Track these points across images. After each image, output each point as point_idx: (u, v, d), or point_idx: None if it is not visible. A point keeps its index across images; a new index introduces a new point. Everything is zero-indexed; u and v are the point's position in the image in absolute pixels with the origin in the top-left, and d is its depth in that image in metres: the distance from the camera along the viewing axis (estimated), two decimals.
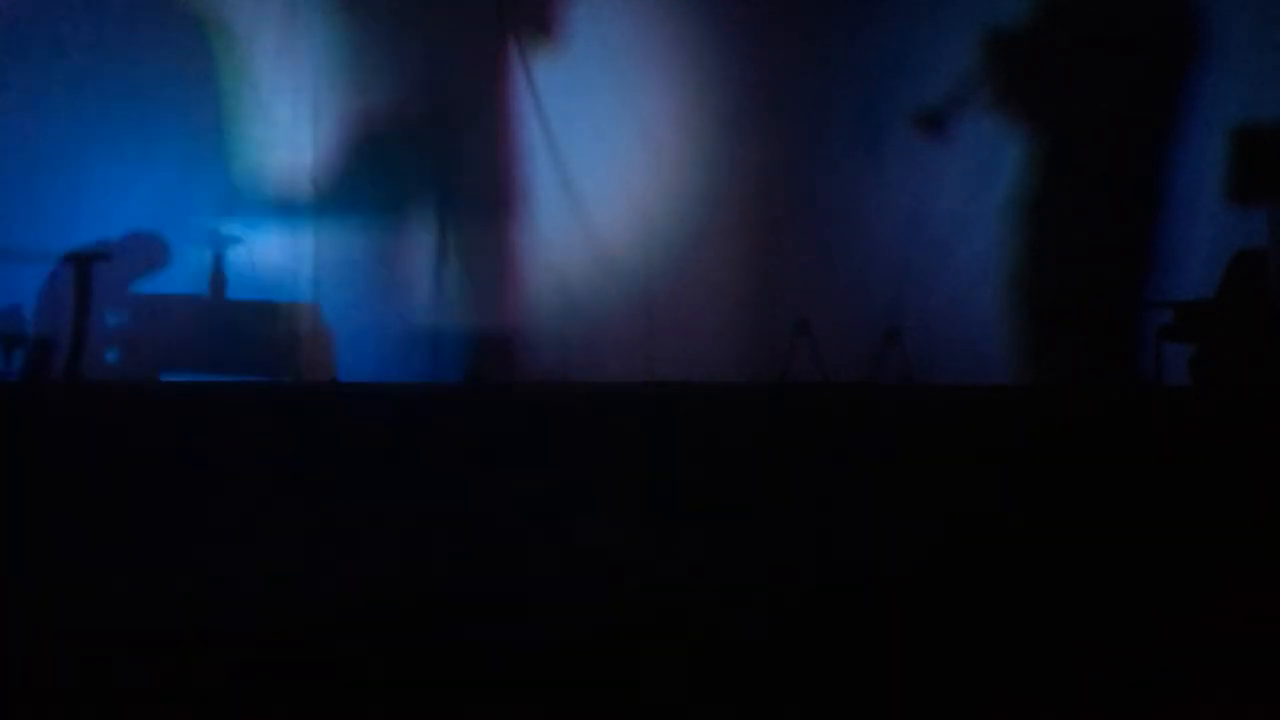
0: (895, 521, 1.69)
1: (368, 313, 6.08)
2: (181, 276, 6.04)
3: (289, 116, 6.06)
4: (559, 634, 1.07)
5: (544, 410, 4.16)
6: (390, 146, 6.04)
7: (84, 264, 5.93)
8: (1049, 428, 3.57)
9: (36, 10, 5.93)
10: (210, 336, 5.99)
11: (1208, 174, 5.57)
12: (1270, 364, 5.05)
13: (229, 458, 2.48)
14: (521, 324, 6.09)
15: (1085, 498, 1.96)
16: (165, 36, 5.95)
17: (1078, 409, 4.37)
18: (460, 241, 6.11)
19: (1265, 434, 3.33)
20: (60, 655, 0.99)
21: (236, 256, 6.06)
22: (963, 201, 5.78)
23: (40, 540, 1.51)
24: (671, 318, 5.99)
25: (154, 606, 1.16)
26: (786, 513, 1.79)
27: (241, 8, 6.04)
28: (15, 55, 5.89)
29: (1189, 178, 5.59)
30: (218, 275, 6.03)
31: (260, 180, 6.06)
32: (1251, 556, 1.48)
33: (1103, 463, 2.52)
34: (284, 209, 6.08)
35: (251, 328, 6.03)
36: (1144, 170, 5.65)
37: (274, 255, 6.09)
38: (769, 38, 5.92)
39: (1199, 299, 5.40)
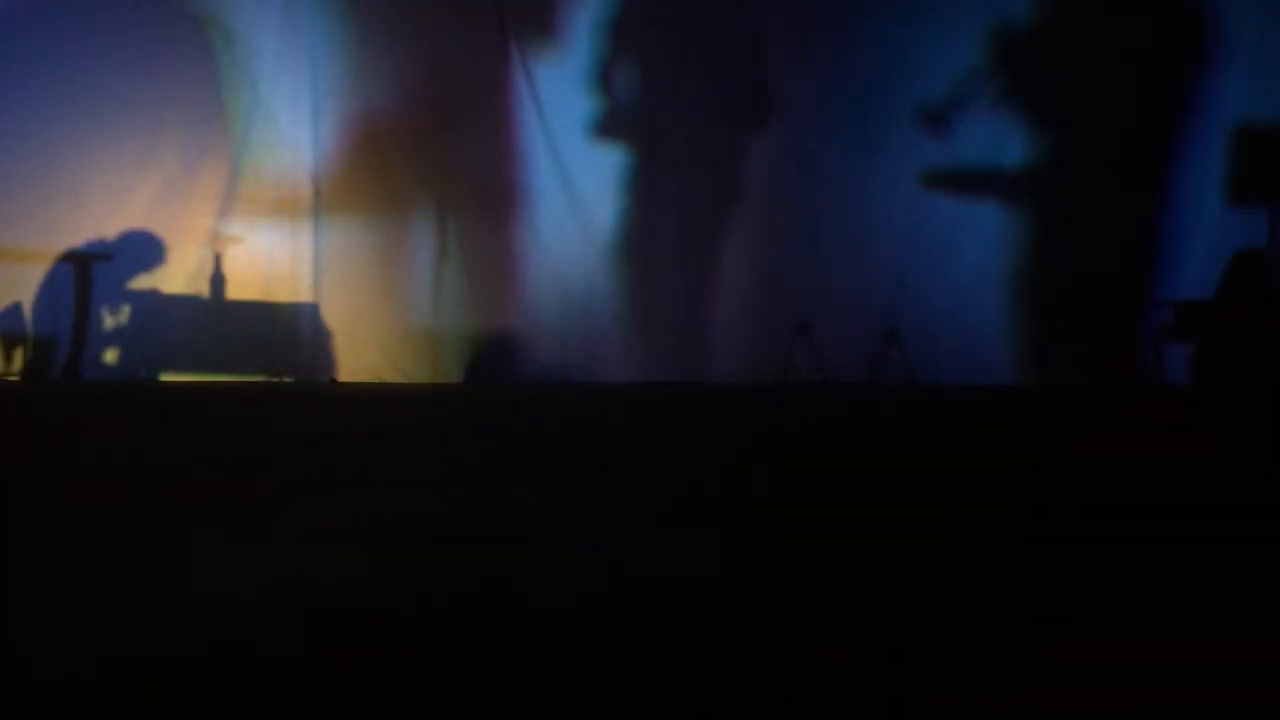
0: (895, 521, 1.69)
1: (368, 313, 6.09)
2: (181, 277, 6.04)
3: (289, 116, 6.06)
4: (559, 634, 1.06)
5: (544, 410, 4.16)
6: (390, 146, 6.05)
7: (84, 264, 5.94)
8: (1049, 427, 3.57)
9: (37, 11, 5.93)
10: (210, 336, 6.00)
11: (1208, 174, 5.57)
12: (1270, 364, 5.05)
13: (229, 458, 2.48)
14: (521, 324, 6.10)
15: (1085, 497, 1.96)
16: (165, 37, 5.95)
17: (1078, 409, 4.37)
18: (460, 241, 6.11)
19: (1265, 433, 3.33)
20: (61, 656, 0.99)
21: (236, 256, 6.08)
22: (962, 202, 5.78)
23: (39, 541, 1.51)
24: (671, 318, 6.01)
25: (155, 607, 1.16)
26: (786, 512, 1.79)
27: (241, 8, 6.05)
28: (15, 56, 5.89)
29: (1190, 178, 5.60)
30: (218, 275, 6.04)
31: (260, 180, 6.06)
32: (1252, 556, 1.48)
33: (1103, 462, 2.52)
34: (284, 209, 6.09)
35: (251, 328, 6.04)
36: (1145, 170, 5.66)
37: (274, 255, 6.10)
38: (768, 39, 5.93)
39: (1199, 299, 5.41)
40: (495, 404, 4.57)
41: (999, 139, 5.75)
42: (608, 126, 6.05)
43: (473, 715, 0.85)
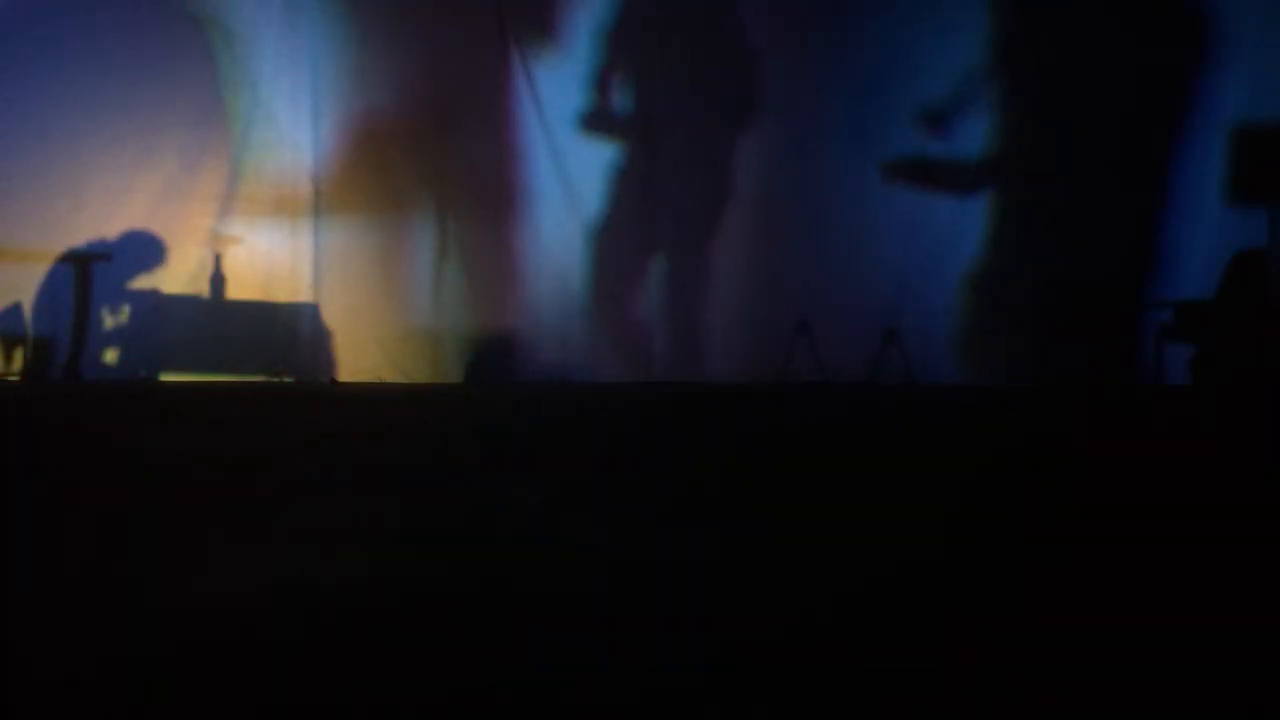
0: (894, 522, 1.69)
1: (368, 313, 6.08)
2: (181, 277, 6.04)
3: (289, 116, 6.06)
4: (559, 634, 1.07)
5: (544, 410, 4.16)
6: (390, 146, 6.04)
7: (84, 264, 5.94)
8: (1048, 428, 3.57)
9: (37, 11, 5.92)
10: (210, 336, 6.00)
11: (1208, 174, 5.57)
12: (1270, 364, 5.05)
13: (229, 458, 2.48)
14: (521, 324, 6.09)
15: (1085, 497, 1.96)
16: (165, 37, 5.95)
17: (1078, 409, 4.37)
18: (460, 241, 6.11)
19: (1265, 433, 3.33)
20: (61, 656, 0.99)
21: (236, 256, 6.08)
22: (962, 202, 5.78)
23: (39, 541, 1.51)
24: (671, 318, 6.01)
25: (155, 607, 1.16)
26: (786, 512, 1.79)
27: (241, 8, 6.04)
28: (15, 56, 5.89)
29: (1190, 178, 5.59)
30: (218, 275, 6.04)
31: (260, 180, 6.06)
32: (1252, 556, 1.48)
33: (1102, 463, 2.52)
34: (284, 209, 6.09)
35: (251, 328, 6.04)
36: (1145, 170, 5.65)
37: (274, 255, 6.10)
38: (769, 39, 5.93)
39: (1199, 299, 5.40)
40: (495, 404, 4.57)
41: (996, 139, 5.75)
42: (607, 126, 6.05)
43: (473, 715, 0.85)
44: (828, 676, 0.94)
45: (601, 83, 6.06)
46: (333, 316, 6.12)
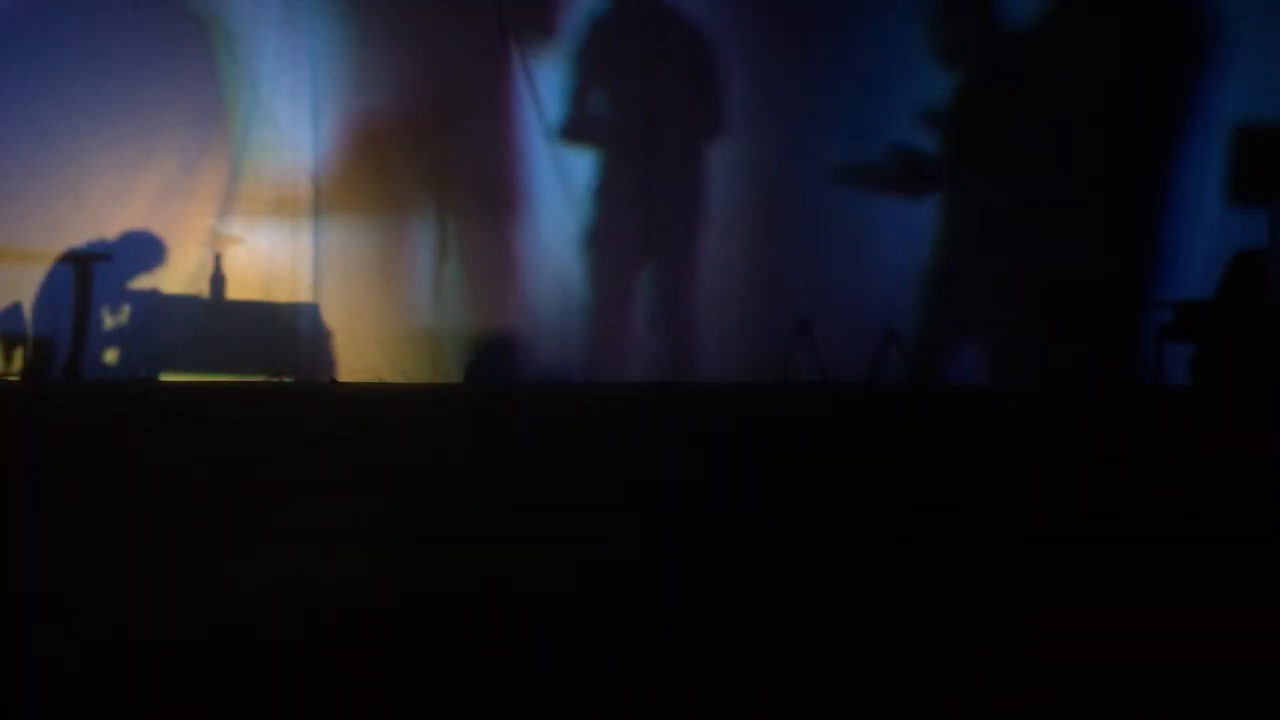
0: (894, 521, 1.69)
1: (368, 313, 6.08)
2: (181, 277, 6.04)
3: (289, 116, 6.06)
4: (559, 634, 1.06)
5: (544, 410, 4.16)
6: (390, 146, 6.04)
7: (84, 264, 5.94)
8: (1049, 428, 3.57)
9: (37, 11, 5.92)
10: (210, 336, 6.00)
11: (1208, 174, 5.56)
12: (1270, 364, 5.05)
13: (229, 458, 2.48)
14: (521, 324, 6.09)
15: (1084, 497, 1.96)
16: (165, 37, 5.95)
17: (1078, 409, 4.37)
18: (460, 241, 6.11)
19: (1265, 433, 3.33)
20: (61, 656, 0.99)
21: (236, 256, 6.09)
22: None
23: (39, 541, 1.51)
24: (671, 317, 6.01)
25: (155, 607, 1.16)
26: (785, 513, 1.79)
27: (241, 8, 6.04)
28: (15, 56, 5.89)
29: (1190, 178, 5.59)
30: (218, 275, 6.04)
31: (260, 180, 6.06)
32: (1252, 557, 1.48)
33: (1102, 463, 2.52)
34: (284, 209, 6.09)
35: (251, 328, 6.04)
36: (1145, 170, 5.65)
37: (274, 255, 6.10)
38: (768, 39, 5.93)
39: (1199, 299, 5.40)
40: (495, 404, 4.58)
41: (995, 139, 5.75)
42: (603, 126, 6.05)
43: (473, 715, 0.85)
44: (827, 676, 0.94)
45: (597, 82, 6.06)
46: (333, 316, 6.12)
